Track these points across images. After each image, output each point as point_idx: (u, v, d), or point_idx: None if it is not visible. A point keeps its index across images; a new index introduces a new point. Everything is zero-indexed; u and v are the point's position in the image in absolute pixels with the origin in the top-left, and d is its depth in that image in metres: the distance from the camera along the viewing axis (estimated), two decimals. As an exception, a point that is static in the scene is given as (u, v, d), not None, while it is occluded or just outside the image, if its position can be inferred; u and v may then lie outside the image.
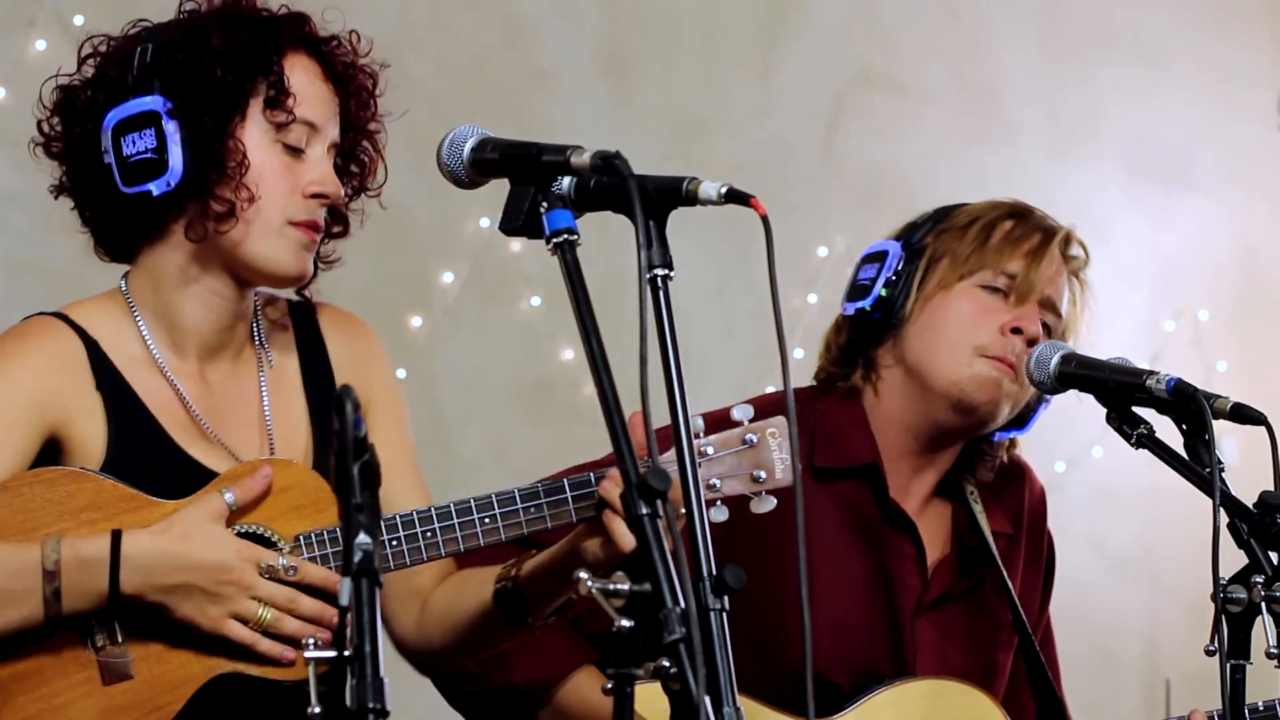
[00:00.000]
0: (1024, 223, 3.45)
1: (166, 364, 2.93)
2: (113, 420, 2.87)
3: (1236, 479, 3.23)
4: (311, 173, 2.91)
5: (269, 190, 2.89)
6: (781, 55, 5.67)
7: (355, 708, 2.16)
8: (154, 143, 2.85)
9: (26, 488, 2.80)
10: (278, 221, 2.89)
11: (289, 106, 2.89)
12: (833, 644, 3.36)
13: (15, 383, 2.86)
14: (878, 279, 3.41)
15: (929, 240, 3.44)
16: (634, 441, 2.42)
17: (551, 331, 5.31)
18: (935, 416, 3.42)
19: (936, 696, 3.36)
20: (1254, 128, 6.18)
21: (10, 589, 2.73)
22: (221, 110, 2.86)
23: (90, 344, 2.91)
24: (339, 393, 2.23)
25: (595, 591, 2.36)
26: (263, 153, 2.89)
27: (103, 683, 2.78)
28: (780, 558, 3.21)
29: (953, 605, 3.47)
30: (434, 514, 2.87)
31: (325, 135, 2.94)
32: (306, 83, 2.93)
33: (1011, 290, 3.39)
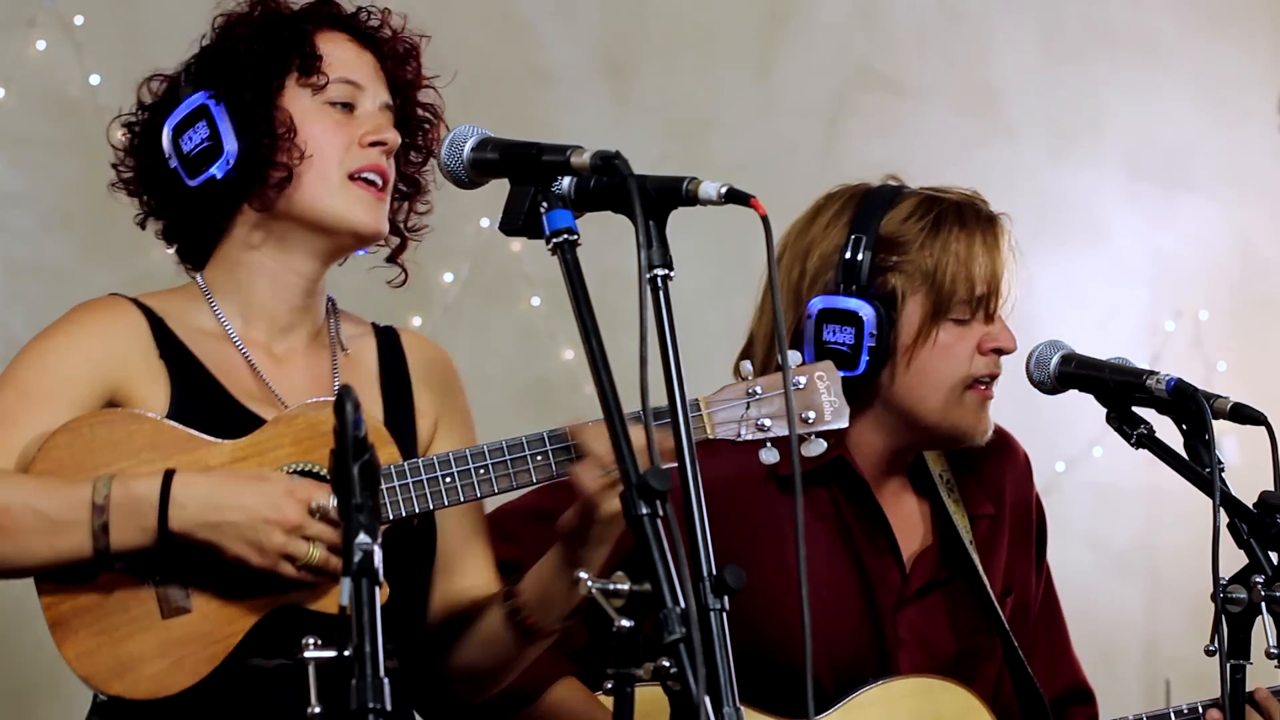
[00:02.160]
0: (963, 228, 3.37)
1: (240, 337, 3.01)
2: (176, 383, 2.94)
3: (1236, 479, 3.23)
4: (365, 124, 3.00)
5: (322, 146, 2.98)
6: (781, 55, 5.67)
7: (355, 708, 2.17)
8: (207, 131, 2.97)
9: (86, 428, 2.86)
10: (336, 176, 2.98)
11: (322, 69, 2.99)
12: (816, 646, 3.35)
13: (76, 345, 2.95)
14: (860, 344, 3.34)
15: (890, 283, 3.37)
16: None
17: (551, 331, 5.31)
18: (921, 444, 3.43)
19: (921, 694, 3.36)
20: (1254, 128, 6.18)
21: (61, 519, 2.79)
22: (259, 84, 2.97)
23: (155, 319, 2.99)
24: (339, 392, 2.24)
25: (595, 591, 2.36)
26: (309, 114, 2.99)
27: (161, 616, 2.82)
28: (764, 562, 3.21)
29: (937, 593, 3.46)
30: (451, 458, 2.89)
31: (372, 93, 3.03)
32: (339, 49, 3.03)
33: (979, 314, 3.37)
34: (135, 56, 4.93)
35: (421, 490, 2.89)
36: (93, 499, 2.78)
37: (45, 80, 4.80)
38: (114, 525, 2.77)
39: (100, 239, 4.74)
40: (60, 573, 2.81)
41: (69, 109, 4.80)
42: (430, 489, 2.89)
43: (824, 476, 3.38)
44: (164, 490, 2.78)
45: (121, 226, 3.06)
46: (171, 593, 2.83)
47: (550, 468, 2.92)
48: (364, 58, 3.05)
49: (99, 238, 4.74)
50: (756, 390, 2.97)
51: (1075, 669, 3.59)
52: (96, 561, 2.80)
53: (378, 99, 3.03)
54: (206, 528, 2.78)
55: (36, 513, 2.78)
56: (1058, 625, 3.59)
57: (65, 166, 4.80)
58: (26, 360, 2.96)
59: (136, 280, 3.17)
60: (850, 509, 3.40)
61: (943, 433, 3.38)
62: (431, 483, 2.89)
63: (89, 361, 2.94)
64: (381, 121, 3.01)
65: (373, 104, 3.02)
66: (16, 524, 2.78)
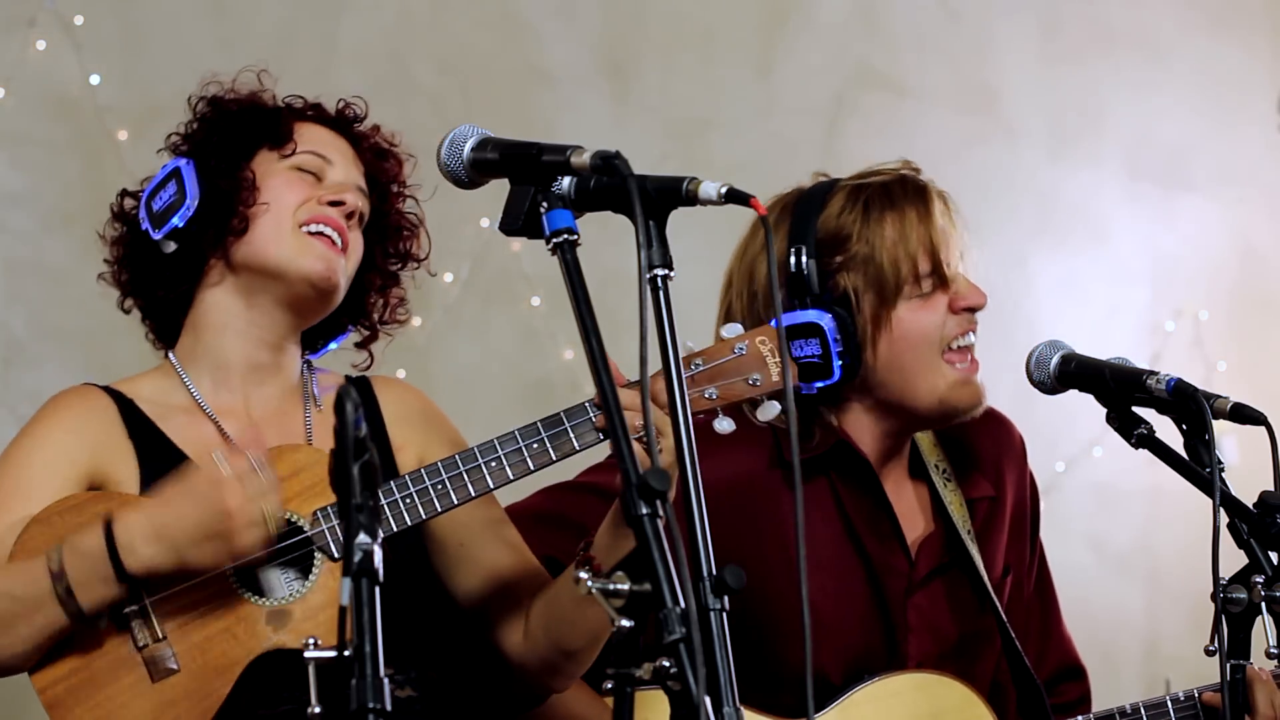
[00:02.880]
0: (893, 207, 3.40)
1: (209, 405, 3.08)
2: (144, 464, 3.01)
3: (1236, 479, 3.23)
4: (332, 190, 3.07)
5: (280, 197, 3.05)
6: (781, 55, 5.67)
7: (355, 708, 2.16)
8: (175, 188, 3.07)
9: (56, 516, 2.92)
10: (289, 224, 3.04)
11: (293, 139, 3.09)
12: (824, 638, 3.36)
13: (49, 440, 3.04)
14: (828, 352, 3.34)
15: (841, 283, 3.38)
16: None
17: (551, 331, 5.31)
18: (917, 425, 3.44)
19: (917, 690, 3.36)
20: (1254, 128, 6.18)
21: (28, 597, 2.83)
22: (228, 147, 3.07)
23: (124, 402, 3.07)
24: (339, 393, 2.24)
25: (595, 591, 2.36)
26: (274, 173, 3.08)
27: (151, 680, 2.86)
28: (769, 556, 3.22)
29: (941, 579, 3.47)
30: (440, 466, 2.91)
31: (343, 168, 3.11)
32: (315, 131, 3.13)
33: (936, 283, 3.38)
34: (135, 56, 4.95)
35: (411, 501, 2.89)
36: (48, 567, 2.82)
37: (45, 80, 4.80)
38: (76, 586, 2.81)
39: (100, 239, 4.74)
40: (49, 655, 2.86)
41: (69, 109, 4.80)
42: (421, 498, 2.90)
43: (826, 464, 3.39)
44: (109, 538, 2.81)
45: (121, 226, 3.08)
46: (158, 655, 2.86)
47: (549, 454, 2.91)
48: (340, 143, 3.13)
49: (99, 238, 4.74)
50: (697, 363, 2.97)
51: (1067, 646, 3.60)
52: (80, 626, 2.84)
53: (348, 175, 3.10)
54: (162, 554, 2.80)
55: (8, 597, 2.84)
56: (1050, 603, 3.61)
57: (65, 166, 4.80)
58: (9, 458, 3.04)
59: (136, 280, 3.17)
60: (852, 497, 3.41)
61: (934, 411, 3.38)
62: (421, 493, 2.90)
63: (64, 452, 3.02)
64: (348, 187, 3.09)
65: (342, 176, 3.09)
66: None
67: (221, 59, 3.23)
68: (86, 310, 3.09)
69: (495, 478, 2.90)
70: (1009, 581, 3.51)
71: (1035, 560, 3.59)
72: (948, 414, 3.39)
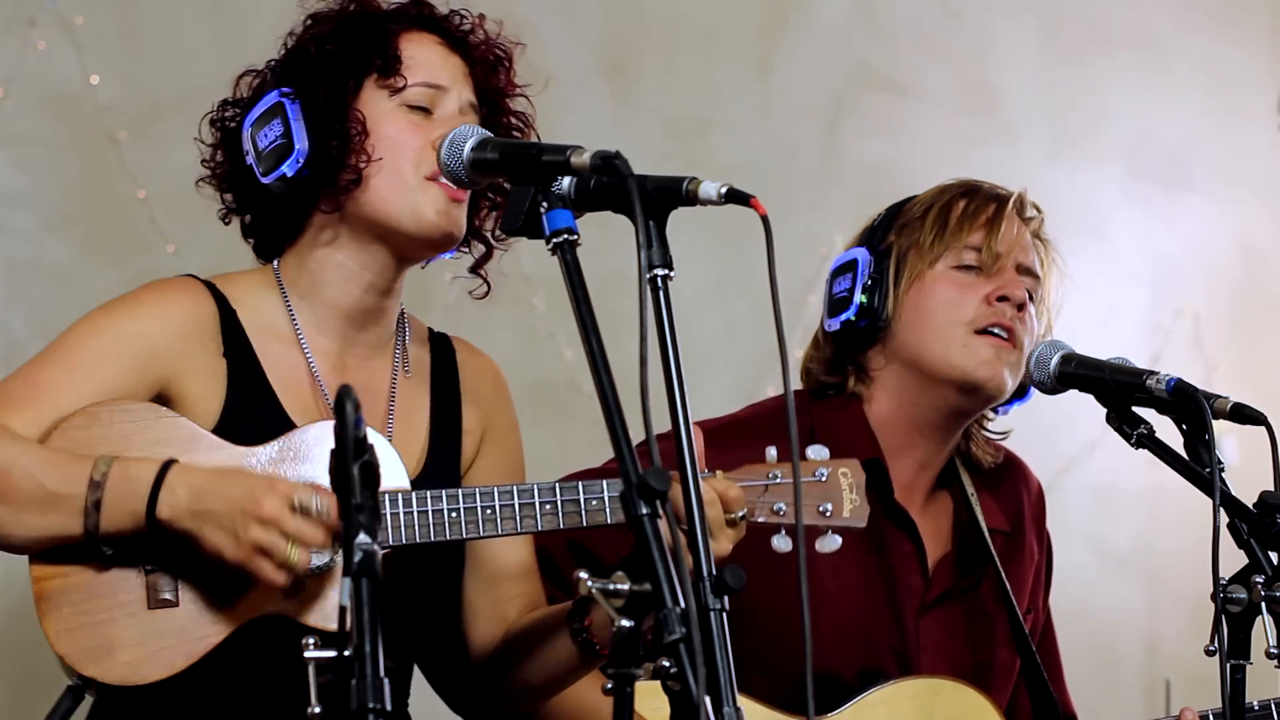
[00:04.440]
0: (974, 197, 3.47)
1: (307, 338, 2.99)
2: (233, 387, 2.92)
3: (1236, 479, 3.23)
4: (443, 127, 2.93)
5: (396, 149, 2.95)
6: (781, 55, 5.67)
7: (355, 708, 2.16)
8: (281, 129, 2.94)
9: (106, 414, 2.84)
10: (412, 178, 2.95)
11: (401, 72, 2.96)
12: (838, 644, 3.37)
13: (137, 327, 2.91)
14: (854, 288, 3.41)
15: (891, 238, 3.45)
16: None
17: (551, 331, 5.31)
18: (941, 403, 3.42)
19: (930, 695, 3.37)
20: (1254, 128, 6.17)
21: (56, 492, 2.76)
22: (334, 83, 2.95)
23: (227, 312, 2.97)
24: (339, 392, 2.24)
25: (595, 591, 2.36)
26: (384, 116, 2.96)
27: (147, 605, 2.81)
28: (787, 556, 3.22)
29: (954, 603, 3.47)
30: (496, 492, 2.89)
31: (455, 95, 3.00)
32: (423, 50, 3.00)
33: (983, 264, 3.41)
34: (135, 56, 4.95)
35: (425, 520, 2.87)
36: (91, 475, 2.76)
37: (45, 80, 4.80)
38: (106, 504, 2.75)
39: (100, 239, 4.74)
40: (54, 550, 2.80)
41: (69, 109, 4.79)
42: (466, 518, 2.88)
43: None
44: (159, 476, 2.76)
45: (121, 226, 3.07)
46: (160, 583, 2.81)
47: (557, 520, 2.91)
48: (450, 60, 3.02)
49: (99, 238, 4.74)
50: (776, 475, 2.98)
51: (1067, 702, 3.61)
52: (85, 544, 2.78)
53: (460, 99, 3.00)
54: (190, 515, 2.75)
55: (35, 481, 2.76)
56: (1054, 658, 3.61)
57: (65, 166, 4.80)
58: (82, 332, 2.91)
59: (136, 280, 3.16)
60: (879, 508, 3.42)
61: (948, 380, 3.39)
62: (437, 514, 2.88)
63: (145, 348, 2.90)
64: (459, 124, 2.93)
65: (454, 105, 2.99)
66: (14, 489, 2.76)
67: (221, 59, 3.23)
68: (86, 310, 3.07)
69: (545, 522, 2.90)
70: (1029, 620, 3.52)
71: (1044, 616, 3.61)
72: (960, 383, 3.38)
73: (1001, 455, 3.58)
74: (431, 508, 2.87)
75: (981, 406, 3.45)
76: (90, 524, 2.76)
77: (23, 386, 2.86)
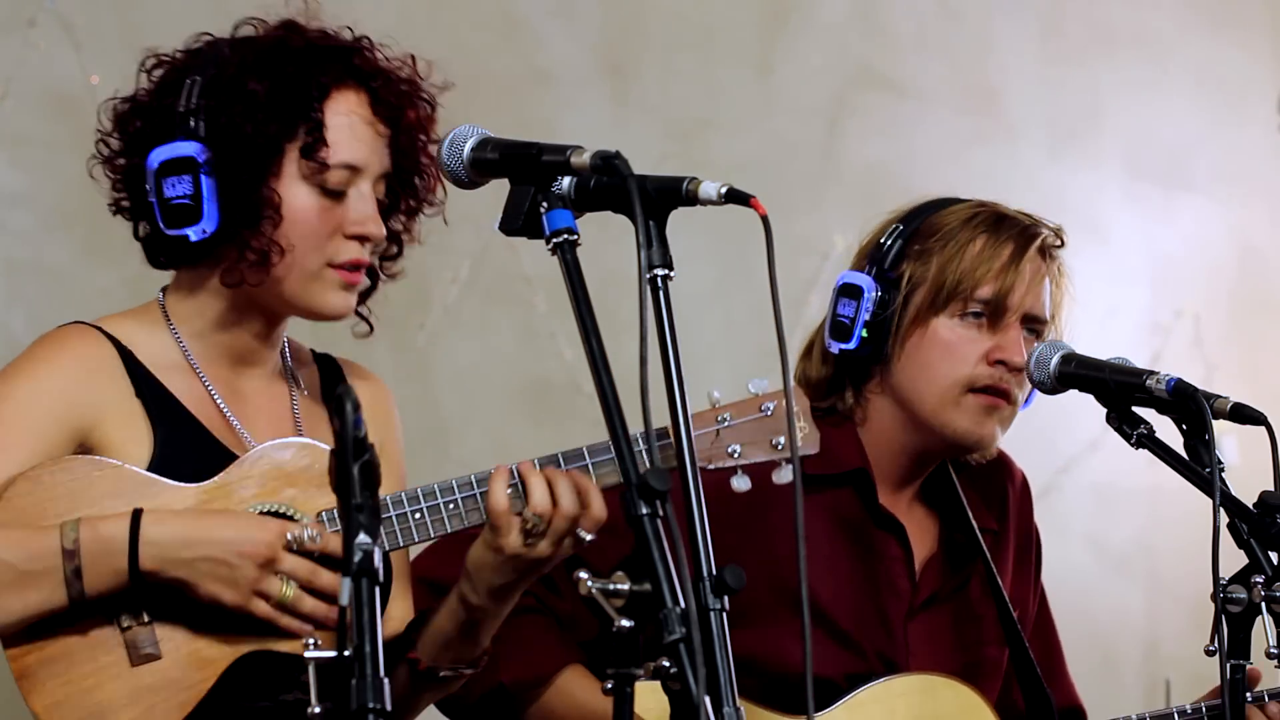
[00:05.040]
0: (997, 235, 3.40)
1: (204, 370, 2.94)
2: (157, 424, 2.87)
3: (1236, 479, 3.23)
4: (352, 213, 2.91)
5: (305, 238, 2.89)
6: (781, 55, 5.66)
7: (355, 708, 2.16)
8: (191, 189, 2.85)
9: (46, 475, 2.79)
10: (315, 266, 2.90)
11: (325, 157, 2.88)
12: (826, 648, 3.36)
13: (45, 386, 2.86)
14: (857, 318, 3.37)
15: (904, 267, 3.39)
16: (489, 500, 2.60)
17: (551, 331, 5.30)
18: (927, 446, 3.43)
19: (923, 692, 3.37)
20: (1254, 128, 6.17)
21: (31, 570, 2.72)
22: (256, 163, 2.86)
23: (124, 351, 2.91)
24: (339, 393, 2.23)
25: (595, 591, 2.36)
26: (299, 201, 2.89)
27: (130, 664, 2.77)
28: (781, 559, 3.22)
29: (941, 605, 3.47)
30: (419, 493, 2.86)
31: (370, 172, 2.93)
32: (350, 123, 2.92)
33: (989, 314, 3.37)
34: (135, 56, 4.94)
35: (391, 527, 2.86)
36: (61, 544, 2.72)
37: (45, 80, 4.80)
38: (86, 569, 2.71)
39: (100, 239, 4.73)
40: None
41: (69, 109, 4.79)
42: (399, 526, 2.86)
43: (842, 482, 3.40)
44: (133, 529, 2.72)
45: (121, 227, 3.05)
46: (139, 639, 2.77)
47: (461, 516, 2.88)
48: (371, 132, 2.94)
49: (99, 238, 4.73)
50: (725, 418, 2.96)
51: (1069, 688, 3.61)
52: (71, 610, 2.73)
53: (372, 175, 2.93)
54: (178, 564, 2.73)
55: (6, 565, 2.71)
56: (1052, 644, 3.61)
57: (65, 166, 4.78)
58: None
59: (136, 280, 3.16)
60: (866, 513, 3.42)
61: (938, 433, 3.38)
62: (400, 519, 2.86)
63: (60, 403, 2.85)
64: (368, 211, 2.91)
65: (367, 184, 2.92)
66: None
67: (221, 59, 3.22)
68: (86, 310, 3.07)
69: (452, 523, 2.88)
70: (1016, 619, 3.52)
71: (1036, 605, 3.60)
72: (950, 441, 3.38)
73: None
74: (394, 512, 2.85)
75: (969, 455, 3.45)
76: (74, 593, 2.72)
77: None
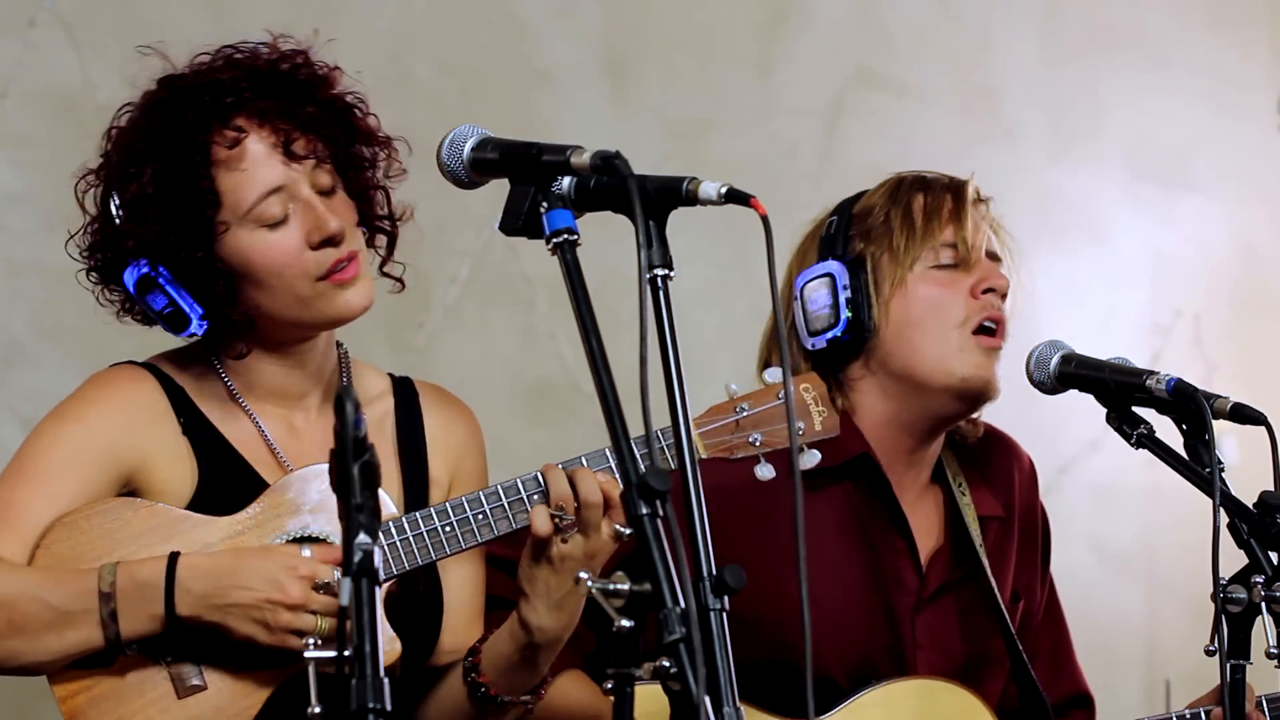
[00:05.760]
0: (930, 190, 3.45)
1: (251, 407, 2.98)
2: (203, 461, 2.92)
3: (1236, 479, 3.23)
4: (303, 227, 2.92)
5: (277, 274, 2.91)
6: (781, 55, 5.66)
7: (355, 708, 2.16)
8: (165, 300, 2.89)
9: (84, 520, 2.84)
10: (307, 287, 2.92)
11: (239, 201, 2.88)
12: (830, 644, 3.36)
13: (92, 428, 2.91)
14: (837, 304, 3.38)
15: (859, 246, 3.42)
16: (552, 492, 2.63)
17: (551, 331, 5.30)
18: (931, 409, 3.42)
19: (924, 696, 3.37)
20: (1254, 128, 6.17)
21: (69, 611, 2.77)
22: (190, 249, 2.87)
23: (174, 390, 2.95)
24: (339, 393, 2.23)
25: (595, 591, 2.36)
26: (249, 249, 2.90)
27: (177, 696, 2.81)
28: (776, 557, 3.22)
29: (950, 595, 3.47)
30: (481, 495, 2.90)
31: (302, 183, 2.93)
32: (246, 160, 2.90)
33: (959, 259, 3.40)
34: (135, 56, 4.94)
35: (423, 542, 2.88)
36: (99, 587, 2.76)
37: (45, 80, 4.80)
38: (122, 613, 2.75)
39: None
40: (73, 661, 2.80)
41: (69, 109, 4.79)
42: (420, 543, 2.87)
43: (844, 473, 3.39)
44: (169, 575, 2.76)
45: (121, 227, 3.07)
46: (185, 672, 2.82)
47: (509, 520, 2.91)
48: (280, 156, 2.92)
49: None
50: (744, 408, 2.98)
51: (1077, 675, 3.61)
52: (108, 650, 2.78)
53: (306, 184, 2.94)
54: (213, 610, 2.77)
55: (45, 604, 2.76)
56: (1061, 632, 3.60)
57: (65, 166, 4.77)
58: (40, 446, 2.91)
59: (136, 280, 3.16)
60: (868, 508, 3.41)
61: (940, 389, 3.38)
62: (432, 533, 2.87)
63: (105, 448, 2.90)
64: (317, 214, 2.92)
65: (308, 192, 2.93)
66: (25, 617, 2.76)
67: (221, 59, 3.22)
68: (86, 310, 3.07)
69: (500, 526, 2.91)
70: (1020, 608, 3.51)
71: (1045, 592, 3.60)
72: (956, 390, 3.38)
73: (982, 429, 3.56)
74: (425, 528, 2.87)
75: (972, 410, 3.45)
76: (110, 634, 2.77)
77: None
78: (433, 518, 2.88)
